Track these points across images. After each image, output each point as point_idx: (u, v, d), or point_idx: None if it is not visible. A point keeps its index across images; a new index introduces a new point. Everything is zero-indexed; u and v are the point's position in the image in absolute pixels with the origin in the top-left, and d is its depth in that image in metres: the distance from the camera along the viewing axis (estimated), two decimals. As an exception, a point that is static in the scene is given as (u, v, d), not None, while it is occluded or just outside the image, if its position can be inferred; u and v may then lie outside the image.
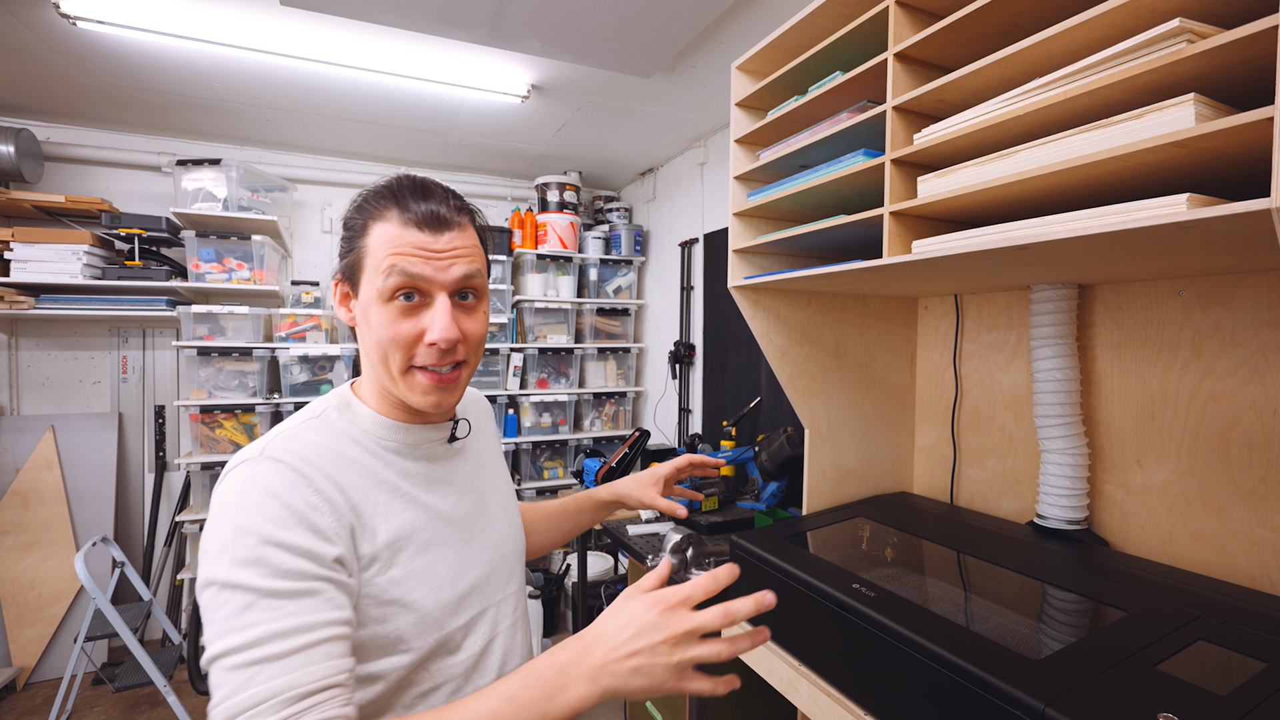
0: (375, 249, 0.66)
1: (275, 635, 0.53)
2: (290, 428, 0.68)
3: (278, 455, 0.62)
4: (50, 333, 2.83)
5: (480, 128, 2.76)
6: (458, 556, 0.73)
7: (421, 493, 0.72)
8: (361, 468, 0.68)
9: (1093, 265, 0.97)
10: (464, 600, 0.72)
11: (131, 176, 2.90)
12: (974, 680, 0.74)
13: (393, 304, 0.66)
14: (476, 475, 0.82)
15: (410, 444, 0.73)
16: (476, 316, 0.71)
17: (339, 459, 0.66)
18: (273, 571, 0.55)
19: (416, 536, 0.69)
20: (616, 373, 3.49)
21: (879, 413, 1.56)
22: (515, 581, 0.82)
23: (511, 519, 0.86)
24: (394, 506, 0.68)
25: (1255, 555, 0.99)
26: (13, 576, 2.63)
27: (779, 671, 1.11)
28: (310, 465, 0.63)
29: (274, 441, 0.64)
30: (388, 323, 0.66)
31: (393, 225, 0.66)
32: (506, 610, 0.78)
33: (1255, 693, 0.67)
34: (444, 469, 0.76)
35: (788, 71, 1.22)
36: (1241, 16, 0.61)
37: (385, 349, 0.67)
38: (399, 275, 0.65)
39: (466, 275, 0.68)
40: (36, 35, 1.96)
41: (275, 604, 0.54)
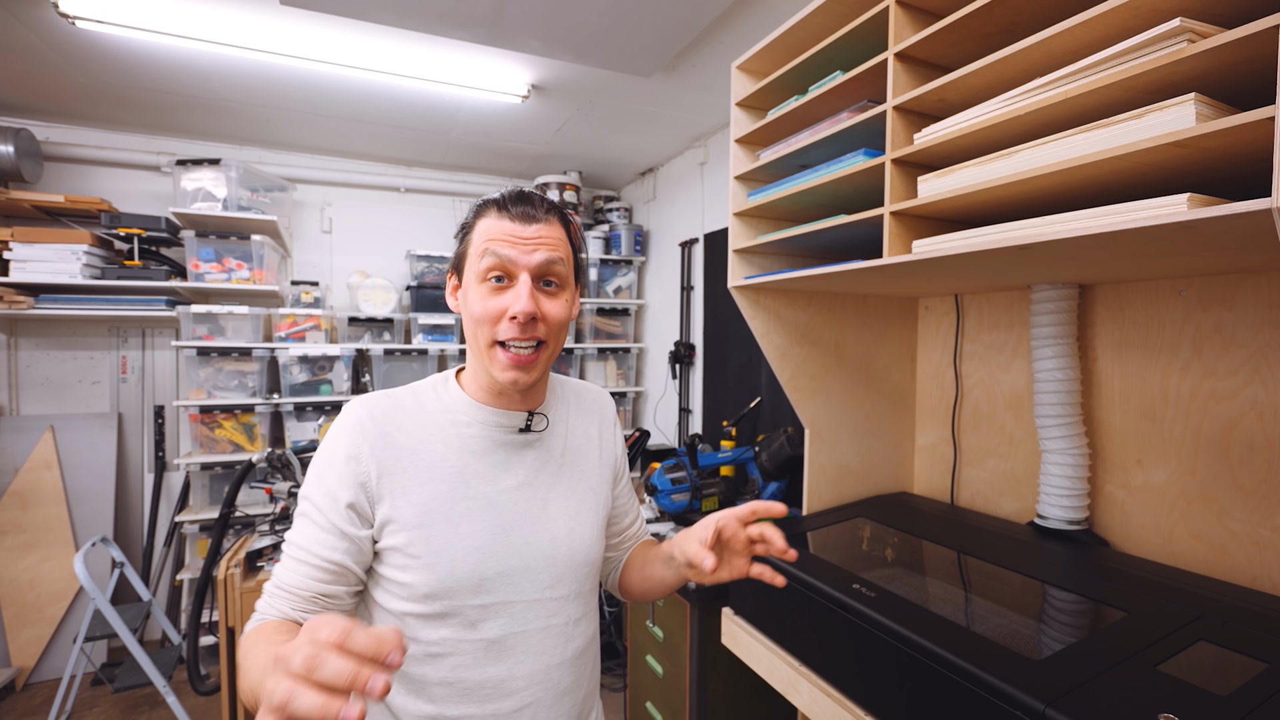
0: (476, 240, 0.77)
1: (291, 541, 0.74)
2: (389, 391, 0.82)
3: (362, 399, 0.78)
4: (50, 333, 2.83)
5: (480, 128, 2.76)
6: (490, 540, 0.76)
7: (472, 470, 0.78)
8: (422, 434, 0.78)
9: (1093, 265, 0.97)
10: (486, 583, 0.75)
11: (131, 176, 2.89)
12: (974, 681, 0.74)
13: (485, 284, 0.76)
14: (548, 472, 0.83)
15: (481, 421, 0.80)
16: (558, 301, 0.78)
17: (407, 419, 0.78)
18: (308, 497, 0.74)
19: (449, 508, 0.75)
20: (616, 373, 3.48)
21: (879, 413, 1.56)
22: (563, 589, 0.80)
23: (578, 526, 0.83)
24: (435, 474, 0.76)
25: (1256, 555, 0.99)
26: (12, 577, 2.63)
27: (779, 671, 1.11)
28: (372, 417, 0.76)
29: (366, 396, 0.80)
30: (480, 300, 0.75)
31: (491, 219, 0.77)
32: (540, 612, 0.78)
33: (1256, 693, 0.67)
34: (507, 456, 0.81)
35: (788, 71, 1.22)
36: (1242, 16, 0.61)
37: (476, 324, 0.76)
38: (491, 257, 0.75)
39: (549, 261, 0.76)
40: (36, 35, 1.96)
41: (301, 523, 0.74)
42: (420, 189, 3.40)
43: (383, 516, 0.73)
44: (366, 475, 0.73)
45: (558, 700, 0.79)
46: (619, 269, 3.46)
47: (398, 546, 0.73)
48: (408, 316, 3.06)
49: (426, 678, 0.74)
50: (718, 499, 2.10)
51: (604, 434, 0.93)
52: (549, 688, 0.79)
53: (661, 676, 1.85)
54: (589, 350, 3.37)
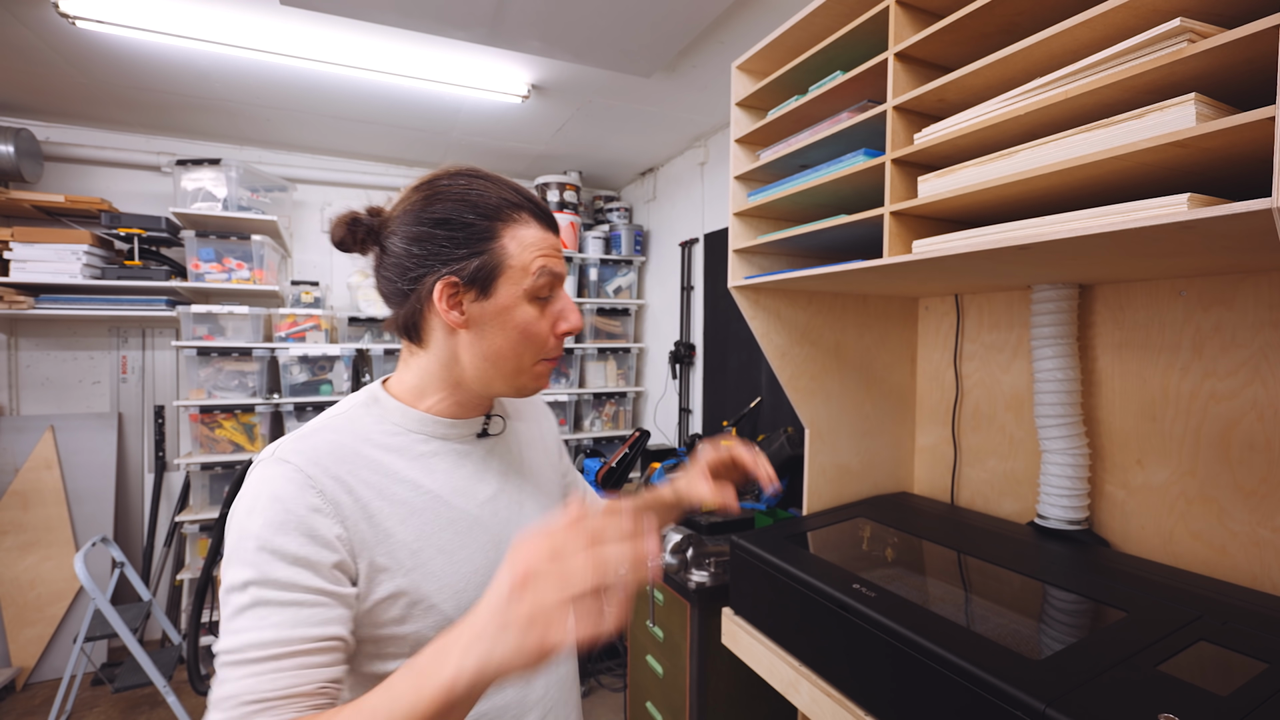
0: (519, 252, 0.69)
1: (254, 644, 0.55)
2: (310, 426, 0.68)
3: (286, 456, 0.63)
4: (50, 333, 2.83)
5: (480, 128, 2.76)
6: (484, 558, 0.71)
7: (447, 491, 0.71)
8: (380, 466, 0.67)
9: (1093, 265, 0.97)
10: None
11: (131, 176, 2.89)
12: (974, 680, 0.74)
13: (535, 303, 0.71)
14: (513, 473, 0.80)
15: (441, 436, 0.73)
16: None
17: (355, 458, 0.66)
18: (265, 580, 0.57)
19: (438, 537, 0.68)
20: (616, 373, 3.48)
21: (879, 413, 1.56)
22: None
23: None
24: (414, 505, 0.68)
25: (1256, 555, 0.99)
26: (12, 577, 2.63)
27: (779, 672, 1.11)
28: (318, 465, 0.63)
29: (286, 442, 0.65)
30: (533, 320, 0.70)
31: (534, 229, 0.71)
32: None
33: (1256, 693, 0.67)
34: (476, 467, 0.75)
35: (788, 71, 1.22)
36: (1242, 16, 0.61)
37: (525, 345, 0.70)
38: (547, 275, 0.70)
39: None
40: (36, 35, 1.96)
41: (263, 612, 0.56)
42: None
43: (368, 569, 0.63)
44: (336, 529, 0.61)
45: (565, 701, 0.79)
46: (619, 269, 3.46)
47: (394, 595, 0.64)
48: (408, 316, 3.06)
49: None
50: (718, 499, 2.10)
51: (542, 422, 0.93)
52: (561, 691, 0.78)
53: (661, 676, 1.85)
54: (589, 350, 3.37)
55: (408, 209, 0.71)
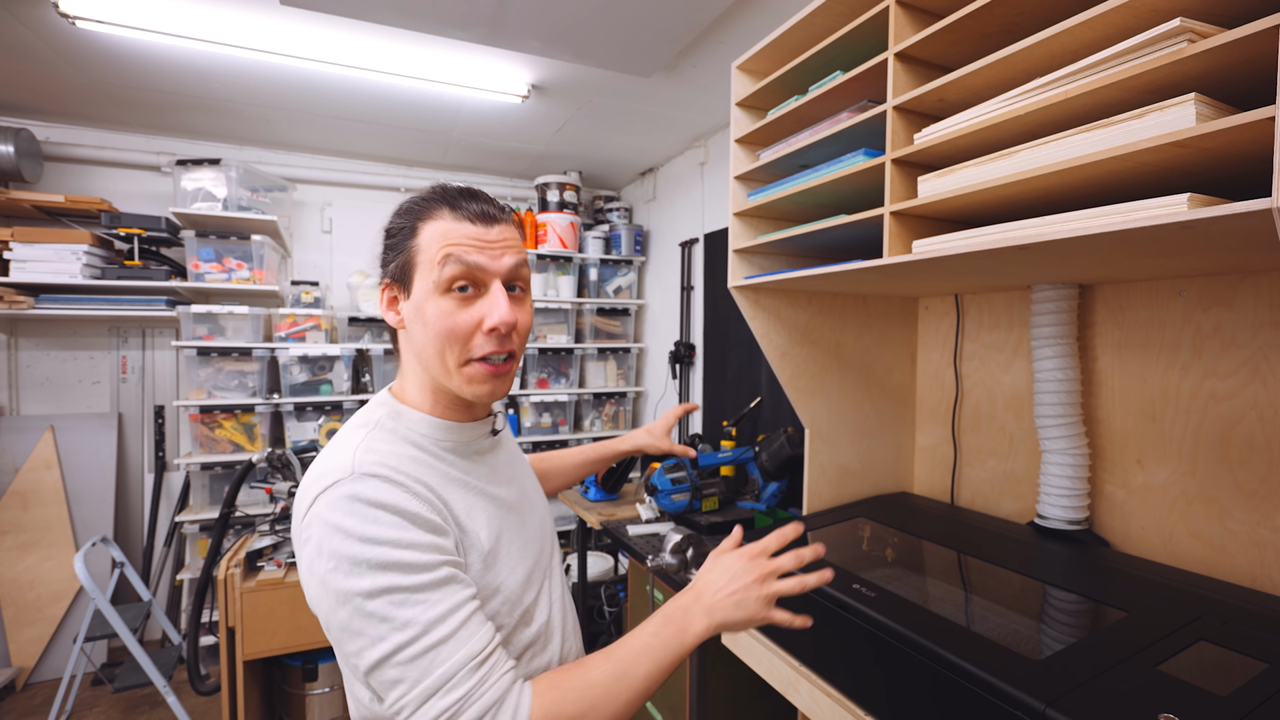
0: (428, 245, 0.69)
1: (438, 620, 0.59)
2: (361, 441, 0.68)
3: (371, 470, 0.64)
4: (50, 333, 2.83)
5: (480, 128, 2.76)
6: (522, 537, 0.78)
7: (488, 485, 0.76)
8: (434, 470, 0.70)
9: (1093, 265, 0.97)
10: (530, 576, 0.77)
11: (131, 176, 2.89)
12: (974, 680, 0.74)
13: (449, 295, 0.68)
14: (512, 463, 0.86)
15: (464, 442, 0.76)
16: (525, 308, 0.74)
17: (415, 464, 0.68)
18: (412, 569, 0.60)
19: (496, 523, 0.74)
20: (616, 373, 3.48)
21: (879, 413, 1.56)
22: (557, 553, 0.89)
23: (541, 497, 0.92)
24: (473, 501, 0.73)
25: (1256, 556, 0.99)
26: (12, 577, 2.63)
27: (779, 671, 1.11)
28: (400, 473, 0.65)
29: (358, 457, 0.65)
30: (445, 315, 0.68)
31: (445, 221, 0.69)
32: (556, 579, 0.85)
33: (1256, 693, 0.67)
34: (492, 461, 0.80)
35: (788, 71, 1.22)
36: (1242, 16, 0.61)
37: (443, 342, 0.69)
38: (455, 264, 0.67)
39: (517, 264, 0.72)
40: (36, 35, 1.96)
41: (423, 596, 0.60)
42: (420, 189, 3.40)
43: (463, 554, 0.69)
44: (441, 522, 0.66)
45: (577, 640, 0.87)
46: (619, 269, 3.46)
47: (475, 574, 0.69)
48: (408, 316, 3.06)
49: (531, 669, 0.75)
50: (718, 499, 2.10)
51: None
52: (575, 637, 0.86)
53: (661, 676, 1.85)
54: (589, 350, 3.37)
55: None
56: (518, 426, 3.22)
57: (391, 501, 0.62)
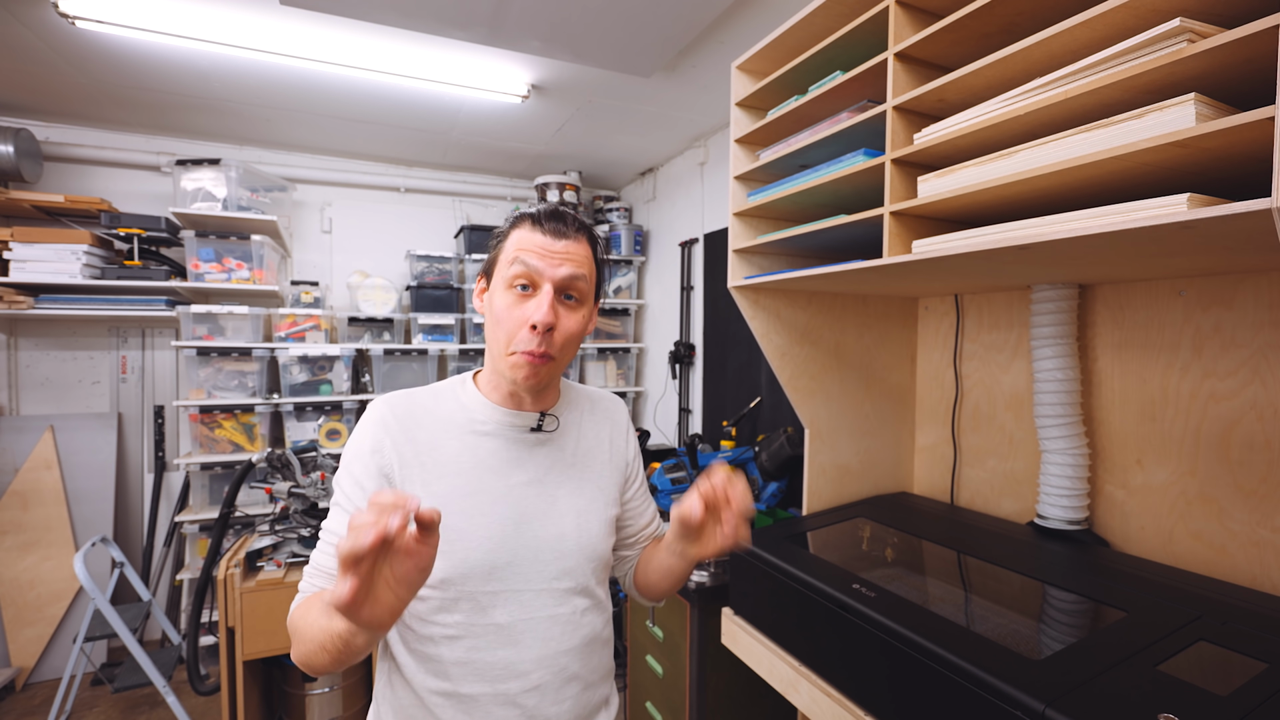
0: (508, 248, 0.82)
1: (327, 528, 0.81)
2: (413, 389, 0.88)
3: (386, 398, 0.85)
4: (49, 333, 2.83)
5: (480, 128, 2.76)
6: (501, 531, 0.81)
7: (486, 466, 0.83)
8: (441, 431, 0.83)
9: (1093, 265, 0.97)
10: (497, 572, 0.80)
11: (131, 176, 2.89)
12: (974, 681, 0.74)
13: (511, 291, 0.80)
14: (558, 470, 0.88)
15: (496, 421, 0.85)
16: (576, 317, 0.82)
17: (425, 416, 0.84)
18: (340, 485, 0.81)
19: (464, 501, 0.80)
20: (616, 373, 3.48)
21: (879, 413, 1.56)
22: (570, 581, 0.85)
23: (585, 522, 0.87)
24: (450, 469, 0.81)
25: (1256, 556, 0.99)
26: (12, 577, 2.63)
27: (779, 671, 1.11)
28: (395, 413, 0.83)
29: (391, 394, 0.86)
30: (506, 306, 0.80)
31: (525, 231, 0.82)
32: (547, 601, 0.83)
33: (1256, 693, 0.67)
34: (520, 453, 0.85)
35: (788, 71, 1.22)
36: (1242, 16, 0.61)
37: (499, 328, 0.81)
38: (520, 265, 0.79)
39: (572, 276, 0.81)
40: (36, 35, 1.96)
41: (334, 510, 0.81)
42: (420, 189, 3.40)
43: None
44: (389, 467, 0.79)
45: (565, 684, 0.83)
46: (619, 269, 3.46)
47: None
48: (407, 316, 3.06)
49: (444, 658, 0.79)
50: (718, 499, 2.10)
51: (615, 439, 0.97)
52: (556, 672, 0.82)
53: (661, 676, 1.85)
54: (589, 350, 3.37)
55: None
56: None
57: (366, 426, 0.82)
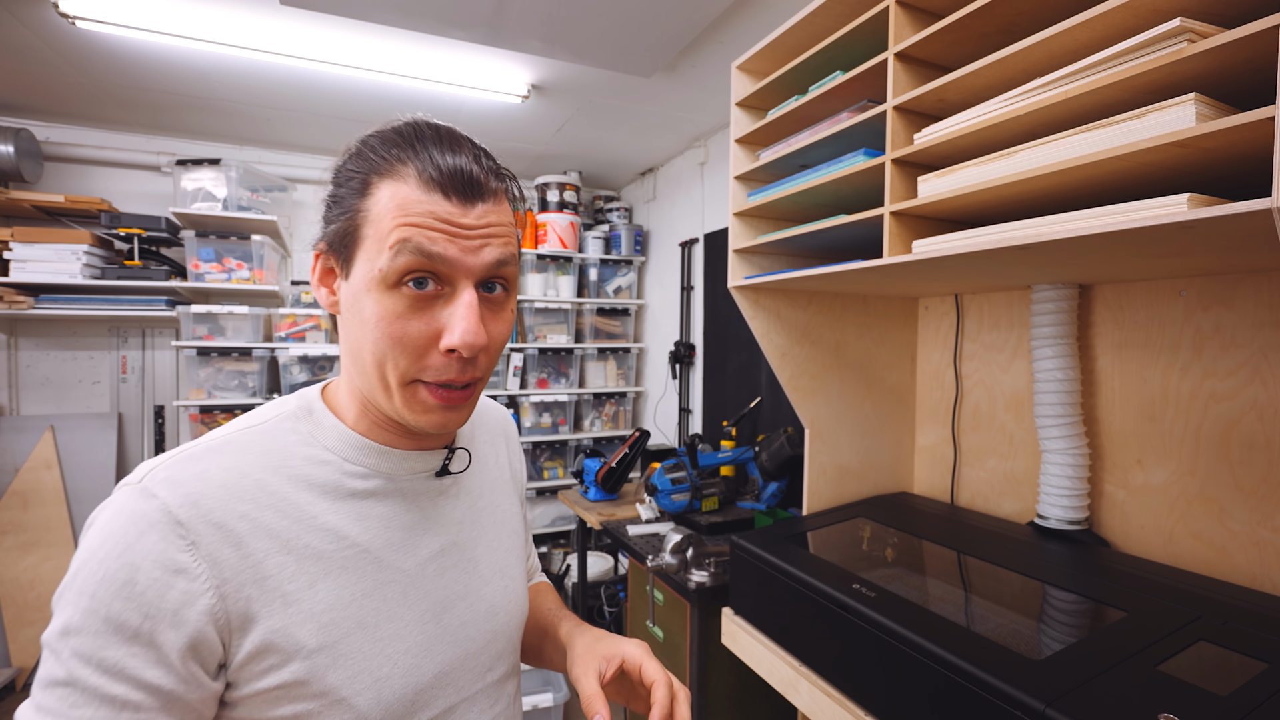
0: (381, 215, 0.49)
1: None
2: (209, 440, 0.53)
3: (154, 488, 0.47)
4: (49, 333, 2.83)
5: (480, 128, 2.76)
6: (421, 634, 0.56)
7: (381, 544, 0.55)
8: (291, 507, 0.51)
9: (1093, 265, 0.97)
10: (423, 695, 0.55)
11: (131, 176, 2.89)
12: (974, 681, 0.74)
13: (399, 292, 0.49)
14: (470, 522, 0.63)
15: (385, 473, 0.57)
16: (503, 316, 0.55)
17: (258, 493, 0.50)
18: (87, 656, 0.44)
19: (361, 607, 0.52)
20: (616, 373, 3.48)
21: (879, 413, 1.56)
22: (503, 666, 0.64)
23: (510, 582, 0.66)
24: (329, 563, 0.51)
25: (1256, 555, 0.99)
26: (12, 577, 2.63)
27: (779, 671, 1.11)
28: (197, 507, 0.47)
29: (165, 464, 0.49)
30: (392, 317, 0.49)
31: (409, 185, 0.49)
32: (484, 704, 0.61)
33: (1256, 693, 0.67)
34: (422, 511, 0.59)
35: (788, 71, 1.22)
36: (1242, 16, 0.61)
37: (383, 352, 0.50)
38: (412, 254, 0.48)
39: (500, 261, 0.52)
40: (36, 35, 1.96)
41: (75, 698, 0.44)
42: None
43: (254, 648, 0.48)
44: (205, 600, 0.46)
45: None
46: (619, 269, 3.46)
47: (287, 686, 0.48)
48: (408, 316, 3.06)
49: None
50: (718, 499, 2.10)
51: (513, 459, 0.76)
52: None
53: (661, 676, 1.85)
54: (589, 350, 3.37)
55: None
56: (518, 426, 3.21)
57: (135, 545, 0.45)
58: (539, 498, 3.29)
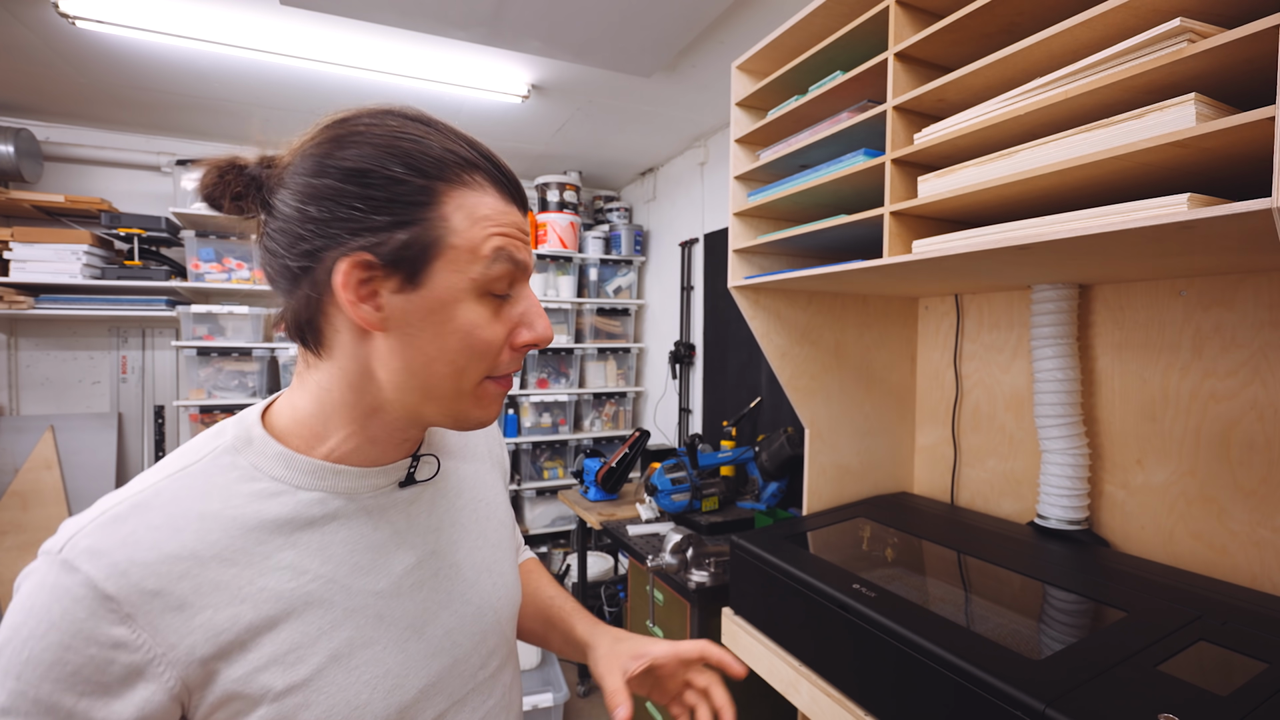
0: (467, 226, 0.48)
1: None
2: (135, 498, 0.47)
3: (76, 562, 0.42)
4: (49, 333, 2.83)
5: (480, 128, 2.76)
6: (402, 653, 0.54)
7: (347, 570, 0.52)
8: (239, 552, 0.47)
9: (1093, 265, 0.97)
10: (408, 711, 0.54)
11: (131, 176, 2.89)
12: (974, 681, 0.74)
13: (486, 299, 0.50)
14: (449, 525, 0.61)
15: (344, 493, 0.53)
16: None
17: (198, 546, 0.46)
18: None
19: (332, 640, 0.50)
20: (616, 373, 3.48)
21: (879, 413, 1.56)
22: (495, 660, 0.63)
23: (498, 578, 0.65)
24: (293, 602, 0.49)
25: (1256, 555, 0.99)
26: (12, 576, 2.63)
27: (779, 671, 1.11)
28: (126, 577, 0.43)
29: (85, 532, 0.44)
30: (484, 324, 0.50)
31: (491, 197, 0.50)
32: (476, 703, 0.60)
33: (1256, 693, 0.67)
34: (392, 527, 0.56)
35: (788, 71, 1.22)
36: (1242, 16, 0.60)
37: (470, 358, 0.50)
38: (507, 262, 0.50)
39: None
40: (36, 35, 1.96)
41: None
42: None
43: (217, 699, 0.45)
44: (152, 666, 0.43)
45: None
46: (619, 269, 3.46)
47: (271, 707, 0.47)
48: (408, 316, 3.06)
49: None
50: (718, 499, 2.10)
51: (494, 447, 0.75)
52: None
53: (661, 676, 1.85)
54: (589, 350, 3.37)
55: (309, 152, 0.51)
56: (517, 426, 3.21)
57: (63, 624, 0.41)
58: (539, 497, 3.29)
